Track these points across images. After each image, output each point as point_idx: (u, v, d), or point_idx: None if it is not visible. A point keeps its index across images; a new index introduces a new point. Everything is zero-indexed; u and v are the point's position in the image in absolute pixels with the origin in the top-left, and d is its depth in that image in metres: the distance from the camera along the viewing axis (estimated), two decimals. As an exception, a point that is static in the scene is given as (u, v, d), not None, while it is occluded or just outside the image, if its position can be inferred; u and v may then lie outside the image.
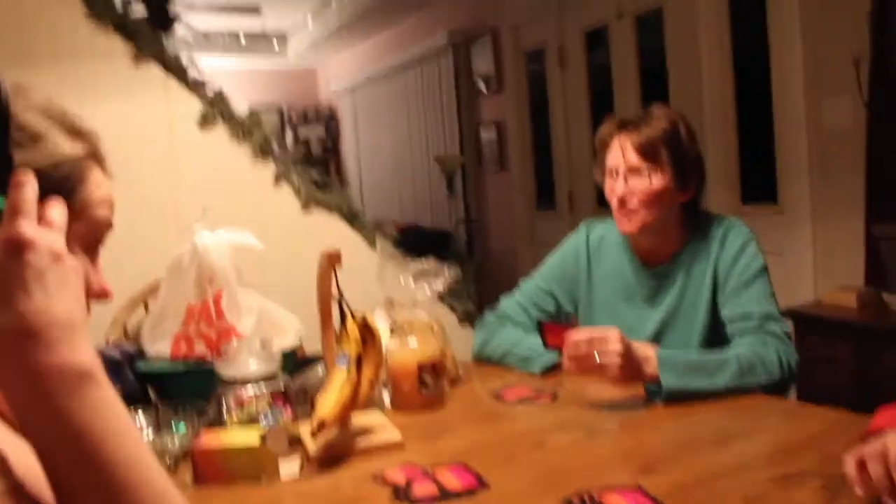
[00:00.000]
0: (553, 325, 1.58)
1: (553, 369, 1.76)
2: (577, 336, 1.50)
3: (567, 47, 5.00)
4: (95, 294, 0.81)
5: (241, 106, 2.58)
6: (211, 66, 2.56)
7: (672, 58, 4.17)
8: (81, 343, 0.62)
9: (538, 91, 5.34)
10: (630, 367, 1.48)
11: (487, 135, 5.81)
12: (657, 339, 1.75)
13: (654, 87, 4.23)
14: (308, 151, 8.44)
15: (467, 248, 5.77)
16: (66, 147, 0.74)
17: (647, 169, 1.71)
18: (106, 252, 2.18)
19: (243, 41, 7.80)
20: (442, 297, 2.78)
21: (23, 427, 0.60)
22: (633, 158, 1.72)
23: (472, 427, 1.48)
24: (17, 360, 0.59)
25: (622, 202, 1.73)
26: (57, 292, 0.61)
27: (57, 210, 0.66)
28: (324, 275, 1.37)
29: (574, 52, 4.95)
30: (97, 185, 0.78)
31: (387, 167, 7.53)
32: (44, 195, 0.67)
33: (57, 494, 0.60)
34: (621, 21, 4.53)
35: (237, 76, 7.76)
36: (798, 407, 1.61)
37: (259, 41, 7.99)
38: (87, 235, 0.77)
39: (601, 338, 1.48)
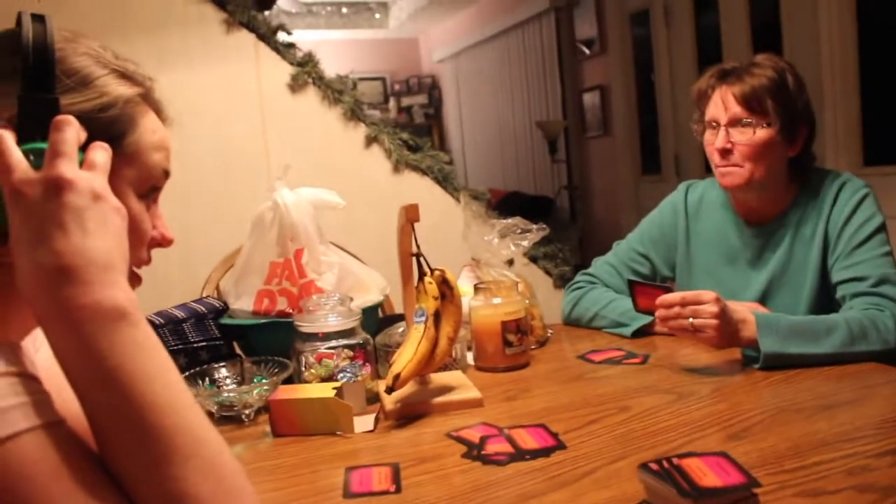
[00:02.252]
0: (645, 285, 1.50)
1: (645, 333, 1.68)
2: (670, 297, 1.42)
3: (673, 6, 4.78)
4: (155, 241, 0.80)
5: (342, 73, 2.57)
6: (314, 38, 2.57)
7: (787, 11, 3.92)
8: (119, 283, 0.61)
9: (643, 53, 5.15)
10: (726, 330, 1.39)
11: (591, 99, 5.66)
12: (761, 303, 1.64)
13: (767, 45, 3.99)
14: (410, 120, 8.47)
15: (570, 215, 5.66)
16: (116, 89, 0.73)
17: (751, 120, 1.59)
18: (200, 213, 2.26)
19: (345, 11, 7.85)
20: (536, 260, 2.73)
21: (60, 363, 0.59)
22: (736, 109, 1.60)
23: (555, 388, 1.43)
24: (53, 298, 0.58)
25: (723, 154, 1.62)
26: (96, 232, 0.61)
27: (100, 152, 0.66)
28: (402, 230, 1.34)
29: (681, 10, 4.73)
30: (151, 130, 0.77)
31: (489, 134, 7.47)
32: (92, 139, 0.67)
33: (94, 432, 0.59)
34: (732, -26, 4.29)
35: (340, 47, 7.85)
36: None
37: (361, 12, 8.03)
38: (142, 181, 0.76)
39: (695, 299, 1.39)
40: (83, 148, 0.66)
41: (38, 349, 0.83)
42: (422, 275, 1.34)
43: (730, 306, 1.40)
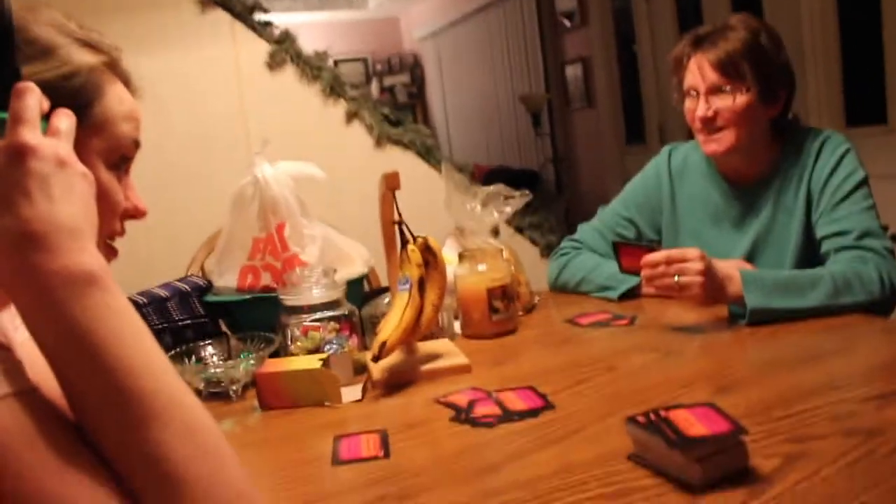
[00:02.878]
0: (629, 245, 1.50)
1: (632, 296, 1.68)
2: (655, 256, 1.41)
3: (653, -28, 4.76)
4: (128, 212, 0.79)
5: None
6: (293, 21, 2.54)
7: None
8: (87, 248, 0.60)
9: (624, 24, 5.13)
10: (712, 286, 1.38)
11: (573, 71, 5.64)
12: (748, 262, 1.63)
13: (747, 9, 3.98)
14: (393, 99, 8.42)
15: (556, 187, 5.66)
16: (80, 58, 0.72)
17: (729, 86, 1.58)
18: (180, 193, 2.24)
19: (324, -9, 7.78)
20: (522, 230, 2.72)
21: (31, 332, 0.58)
22: (713, 76, 1.59)
23: (543, 352, 1.43)
24: (20, 265, 0.57)
25: (706, 122, 1.61)
26: (61, 198, 0.60)
27: (64, 119, 0.64)
28: (384, 198, 1.33)
29: (660, -24, 4.71)
30: (118, 100, 0.76)
31: (473, 111, 7.44)
32: (57, 107, 0.65)
33: (69, 401, 0.58)
34: (710, -62, 4.27)
35: (321, 28, 7.77)
36: (900, 326, 1.47)
37: (340, -9, 7.96)
38: (111, 151, 0.75)
39: (680, 256, 1.39)
40: (47, 116, 0.65)
41: (17, 327, 0.82)
42: (405, 243, 1.33)
43: (715, 264, 1.40)
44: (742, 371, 1.18)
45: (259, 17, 2.43)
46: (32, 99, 0.61)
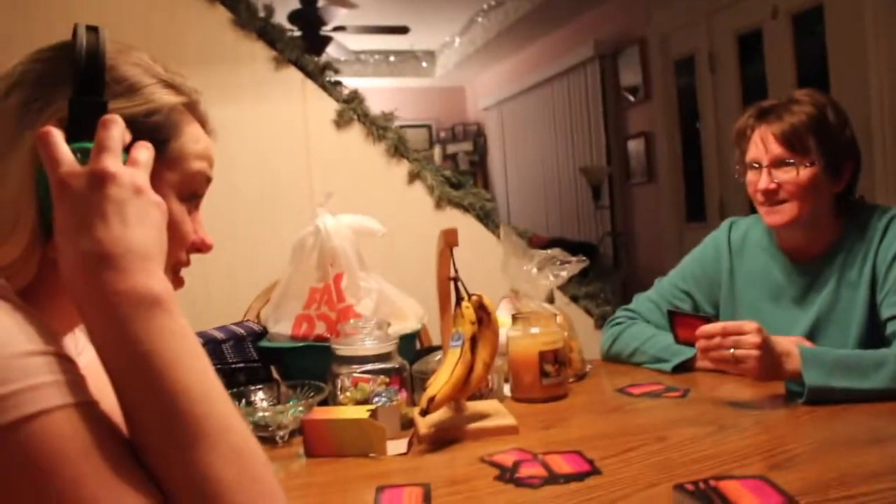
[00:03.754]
0: (685, 316, 1.48)
1: (686, 368, 1.65)
2: (711, 328, 1.39)
3: (718, 53, 4.79)
4: (195, 245, 0.82)
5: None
6: (362, 85, 2.63)
7: (834, 58, 3.89)
8: (155, 273, 0.63)
9: (687, 100, 5.15)
10: (769, 361, 1.35)
11: (635, 146, 5.66)
12: (808, 340, 1.60)
13: (814, 86, 3.96)
14: (455, 167, 8.54)
15: (613, 262, 5.62)
16: (162, 97, 0.76)
17: (793, 159, 1.57)
18: (243, 243, 2.29)
19: (392, 59, 8.01)
20: (577, 300, 2.71)
21: (96, 348, 0.61)
22: (777, 150, 1.59)
23: (592, 418, 1.41)
24: (91, 283, 0.60)
25: (768, 195, 1.60)
26: (135, 223, 0.63)
27: (143, 151, 0.68)
28: (441, 254, 1.34)
29: (725, 57, 4.74)
30: (194, 139, 0.80)
31: (534, 181, 7.50)
32: (138, 140, 0.69)
33: (126, 417, 0.60)
34: (776, 21, 4.30)
35: (387, 94, 7.98)
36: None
37: (408, 60, 8.19)
38: (184, 185, 0.79)
39: (737, 329, 1.37)
40: (128, 149, 0.69)
41: (80, 352, 0.85)
42: (459, 299, 1.34)
43: (773, 339, 1.37)
44: (799, 448, 1.14)
45: (329, 77, 2.52)
46: (117, 130, 0.66)
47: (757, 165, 1.63)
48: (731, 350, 1.36)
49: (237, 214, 2.40)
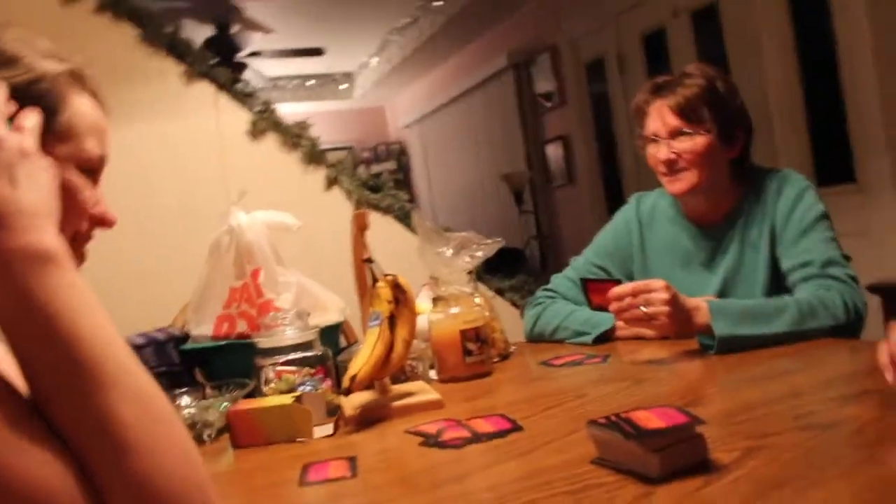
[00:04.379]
0: (597, 282, 1.53)
1: (606, 339, 1.70)
2: (622, 289, 1.44)
3: (626, 54, 4.94)
4: (96, 218, 0.82)
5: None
6: (281, 111, 2.63)
7: (733, 52, 4.06)
8: (47, 230, 0.63)
9: (600, 103, 5.29)
10: (679, 315, 1.41)
11: (554, 150, 5.78)
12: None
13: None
14: (381, 187, 8.55)
15: (540, 264, 5.70)
16: (44, 65, 0.76)
17: (689, 130, 1.65)
18: (163, 260, 2.24)
19: (311, 83, 8.01)
20: (502, 293, 2.75)
21: None
22: (673, 121, 1.66)
23: (515, 387, 1.44)
24: None
25: (669, 164, 1.67)
26: (24, 185, 0.64)
27: (30, 116, 0.69)
28: (355, 238, 1.36)
29: (633, 57, 4.90)
30: (83, 113, 0.80)
31: (458, 193, 7.57)
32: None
33: (24, 373, 0.60)
34: (678, 20, 4.46)
35: (308, 119, 7.96)
36: (867, 345, 1.48)
37: (326, 83, 8.21)
38: (77, 160, 0.79)
39: (645, 287, 1.42)
40: (13, 119, 0.69)
41: None
42: (375, 280, 1.35)
43: (681, 296, 1.43)
44: (709, 390, 1.20)
45: (242, 87, 2.52)
46: (1, 96, 0.66)
47: (656, 138, 1.69)
48: (643, 308, 1.41)
49: (156, 227, 2.37)
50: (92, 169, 0.81)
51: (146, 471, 0.57)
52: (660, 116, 1.69)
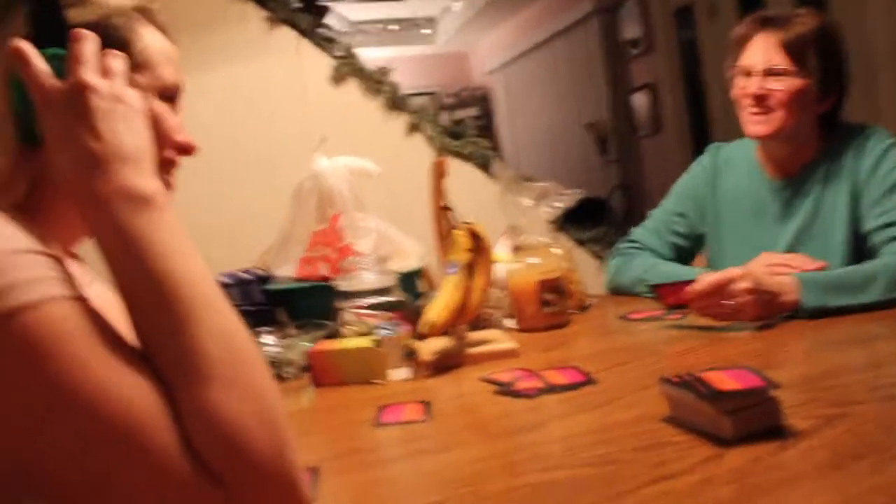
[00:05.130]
0: (666, 285, 1.49)
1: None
2: (700, 287, 1.36)
3: (718, 1, 4.74)
4: (180, 146, 0.85)
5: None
6: (364, 57, 2.62)
7: (837, 4, 3.85)
8: (145, 173, 0.66)
9: (689, 50, 5.11)
10: (765, 300, 1.34)
11: (640, 98, 5.64)
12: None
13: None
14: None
15: (624, 214, 5.62)
16: (112, 2, 0.79)
17: (791, 69, 1.57)
18: (248, 207, 2.29)
19: (393, 28, 7.98)
20: (583, 243, 2.72)
21: (98, 248, 0.64)
22: (777, 57, 1.58)
23: (591, 340, 1.44)
24: (87, 187, 0.64)
25: (757, 101, 1.60)
26: (121, 130, 0.67)
27: (116, 60, 0.71)
28: (434, 185, 1.37)
29: (724, 2, 4.69)
30: (155, 44, 0.82)
31: (542, 141, 7.48)
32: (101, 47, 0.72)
33: (125, 304, 0.63)
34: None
35: (391, 64, 7.96)
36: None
37: (409, 28, 8.15)
38: (158, 91, 0.82)
39: (726, 280, 1.34)
40: None
41: (90, 283, 0.88)
42: (453, 228, 1.36)
43: (761, 277, 1.37)
44: (789, 353, 1.17)
45: (324, 34, 2.52)
46: (91, 44, 0.68)
47: (750, 71, 1.62)
48: (727, 302, 1.34)
49: (243, 172, 2.42)
50: (171, 97, 0.84)
51: (221, 402, 0.60)
52: (763, 49, 1.60)
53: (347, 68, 2.51)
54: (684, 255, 1.83)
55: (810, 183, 1.63)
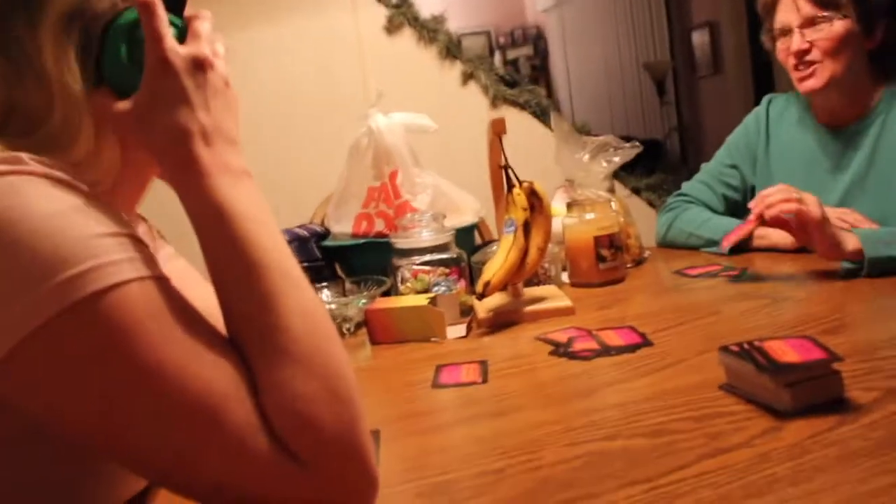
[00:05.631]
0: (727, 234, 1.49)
1: (743, 250, 1.65)
2: (771, 190, 1.37)
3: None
4: None
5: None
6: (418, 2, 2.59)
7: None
8: (239, 154, 0.70)
9: (755, -17, 4.92)
10: (828, 234, 1.31)
11: (700, 37, 5.46)
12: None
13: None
14: (517, 72, 8.40)
15: (681, 157, 5.52)
16: None
17: (825, 14, 1.53)
18: (307, 156, 2.33)
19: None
20: (639, 192, 2.70)
21: (187, 212, 0.67)
22: (807, 8, 1.55)
23: (647, 298, 1.43)
24: (188, 153, 0.67)
25: (801, 55, 1.56)
26: (224, 112, 0.71)
27: (221, 45, 0.73)
28: (491, 144, 1.36)
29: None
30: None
31: (597, 80, 7.32)
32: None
33: (213, 282, 0.66)
34: None
35: (443, 2, 7.84)
36: None
37: (464, -37, 7.98)
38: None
39: (795, 195, 1.33)
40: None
41: (160, 258, 0.91)
42: (510, 187, 1.36)
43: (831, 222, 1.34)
44: (852, 316, 1.15)
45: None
46: (209, 24, 0.72)
47: (788, 30, 1.58)
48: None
49: (299, 125, 2.45)
50: None
51: (297, 379, 0.62)
52: (792, 5, 1.56)
53: (402, 17, 2.49)
54: (736, 208, 1.81)
55: (865, 132, 1.59)
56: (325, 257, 1.61)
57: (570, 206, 1.59)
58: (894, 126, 1.55)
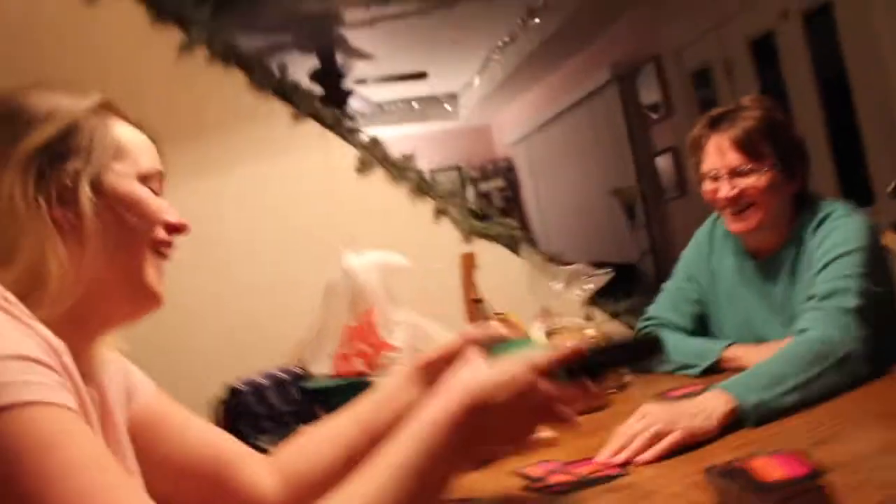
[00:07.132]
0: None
1: (715, 371, 1.65)
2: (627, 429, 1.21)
3: (733, 59, 4.80)
4: (171, 225, 0.88)
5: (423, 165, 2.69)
6: (390, 135, 2.70)
7: (850, 53, 3.88)
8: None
9: (709, 110, 5.15)
10: (692, 417, 1.19)
11: (664, 162, 5.67)
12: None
13: (835, 97, 3.92)
14: (490, 204, 8.60)
15: (655, 278, 5.59)
16: (76, 108, 0.83)
17: (750, 165, 1.60)
18: (276, 301, 2.31)
19: (415, 106, 8.16)
20: (618, 315, 2.71)
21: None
22: (734, 157, 1.61)
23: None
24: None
25: (732, 202, 1.63)
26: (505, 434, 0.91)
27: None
28: (464, 279, 1.39)
29: (741, 63, 4.75)
30: (127, 134, 0.86)
31: (568, 208, 7.53)
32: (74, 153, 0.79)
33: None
34: (788, 22, 4.30)
35: (415, 141, 8.10)
36: None
37: (431, 105, 8.34)
38: (139, 177, 0.85)
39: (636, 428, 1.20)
40: None
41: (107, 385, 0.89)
42: (486, 321, 1.37)
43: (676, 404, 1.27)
44: (843, 425, 1.15)
45: (348, 125, 2.59)
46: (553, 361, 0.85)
47: (716, 175, 1.64)
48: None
49: (266, 267, 2.46)
50: (152, 182, 0.87)
51: None
52: (719, 152, 1.64)
53: (372, 158, 2.57)
54: (703, 321, 1.84)
55: (786, 260, 1.66)
56: (305, 399, 1.60)
57: (548, 335, 1.59)
58: (804, 255, 1.62)
